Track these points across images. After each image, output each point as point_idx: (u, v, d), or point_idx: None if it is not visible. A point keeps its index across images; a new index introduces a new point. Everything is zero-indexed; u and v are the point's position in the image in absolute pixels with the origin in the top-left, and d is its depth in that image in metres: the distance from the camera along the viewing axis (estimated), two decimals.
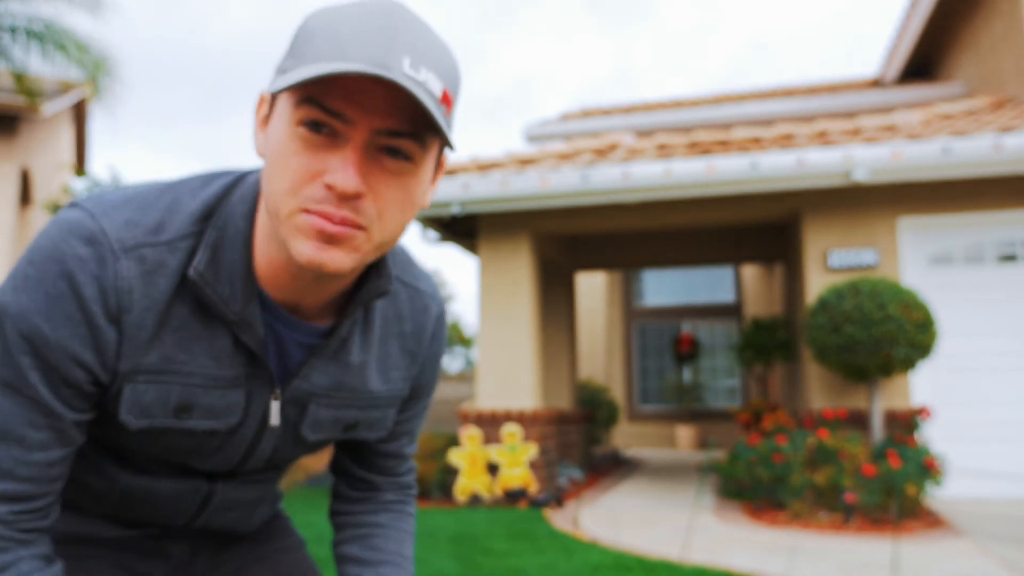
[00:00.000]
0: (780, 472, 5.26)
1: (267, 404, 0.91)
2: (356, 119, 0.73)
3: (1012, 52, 7.40)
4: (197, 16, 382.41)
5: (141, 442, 0.89)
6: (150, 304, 0.81)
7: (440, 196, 6.35)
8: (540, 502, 5.87)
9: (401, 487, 1.16)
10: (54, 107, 10.34)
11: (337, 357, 0.93)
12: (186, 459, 0.93)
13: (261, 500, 1.10)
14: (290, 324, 0.89)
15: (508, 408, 6.44)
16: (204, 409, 0.87)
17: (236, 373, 0.87)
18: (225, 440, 0.92)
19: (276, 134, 0.77)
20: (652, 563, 3.81)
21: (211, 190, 0.86)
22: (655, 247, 8.74)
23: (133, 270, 0.80)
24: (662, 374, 13.26)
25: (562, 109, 11.90)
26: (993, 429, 5.84)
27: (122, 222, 0.81)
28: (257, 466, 1.00)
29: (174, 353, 0.83)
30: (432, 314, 1.03)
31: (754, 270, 12.81)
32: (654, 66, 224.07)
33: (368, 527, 1.11)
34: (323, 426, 0.97)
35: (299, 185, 0.75)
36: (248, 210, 0.85)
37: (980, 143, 5.41)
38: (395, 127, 0.74)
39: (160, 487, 0.97)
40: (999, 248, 6.08)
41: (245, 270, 0.84)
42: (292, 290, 0.86)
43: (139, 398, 0.83)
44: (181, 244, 0.82)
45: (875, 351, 5.19)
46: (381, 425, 1.03)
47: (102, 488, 0.97)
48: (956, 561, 3.86)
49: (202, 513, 1.02)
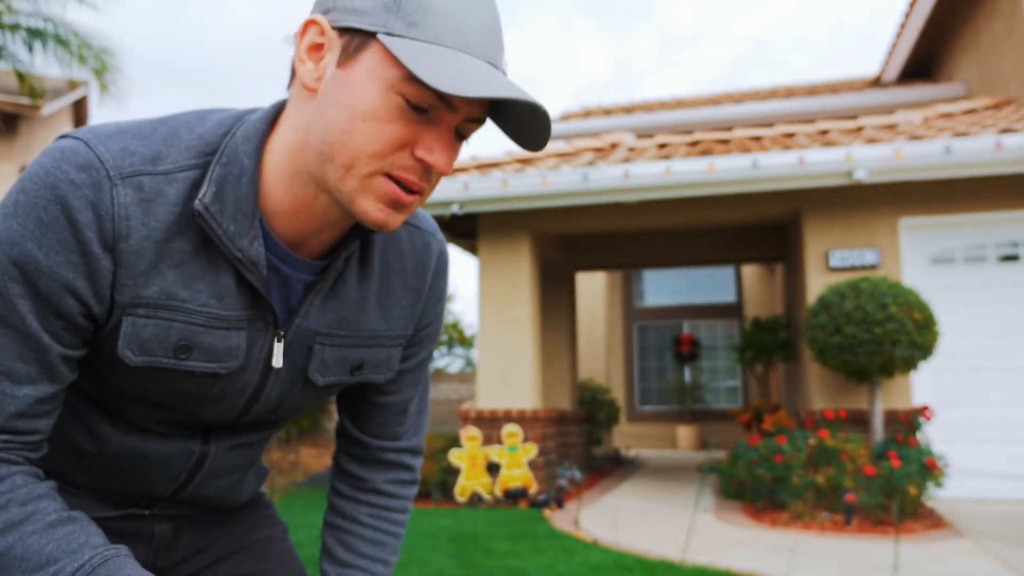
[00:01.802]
0: (781, 472, 5.25)
1: (270, 346, 0.90)
2: (461, 108, 0.78)
3: (1012, 52, 7.38)
4: (198, 16, 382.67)
5: (142, 385, 0.87)
6: (148, 233, 0.79)
7: (440, 196, 6.34)
8: (540, 502, 5.86)
9: (398, 467, 1.11)
10: (54, 106, 10.34)
11: (335, 292, 0.92)
12: (189, 406, 0.91)
13: (250, 467, 1.08)
14: (292, 263, 0.88)
15: (508, 408, 6.43)
16: (204, 350, 0.85)
17: (238, 313, 0.86)
18: (228, 384, 0.90)
19: (364, 92, 0.76)
20: (652, 563, 3.80)
21: (208, 126, 0.85)
22: (655, 247, 8.73)
23: (130, 197, 0.78)
24: (662, 374, 13.25)
25: (562, 109, 11.89)
26: (994, 429, 5.83)
27: (118, 150, 0.79)
28: (261, 415, 0.97)
29: (176, 289, 0.82)
30: (433, 251, 1.03)
31: (755, 270, 12.80)
32: (654, 66, 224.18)
33: (348, 520, 1.08)
34: (330, 367, 0.95)
35: (388, 151, 0.77)
36: (254, 149, 0.84)
37: (981, 143, 5.40)
38: (480, 116, 0.80)
39: (151, 448, 0.95)
40: (1000, 248, 6.07)
41: (251, 208, 0.83)
42: (304, 230, 0.86)
43: (138, 332, 0.82)
44: (180, 176, 0.81)
45: (876, 351, 5.18)
46: (387, 366, 1.01)
47: (91, 450, 0.94)
48: (957, 561, 3.85)
49: (192, 480, 1.00)
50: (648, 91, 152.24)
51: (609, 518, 5.27)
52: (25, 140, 10.40)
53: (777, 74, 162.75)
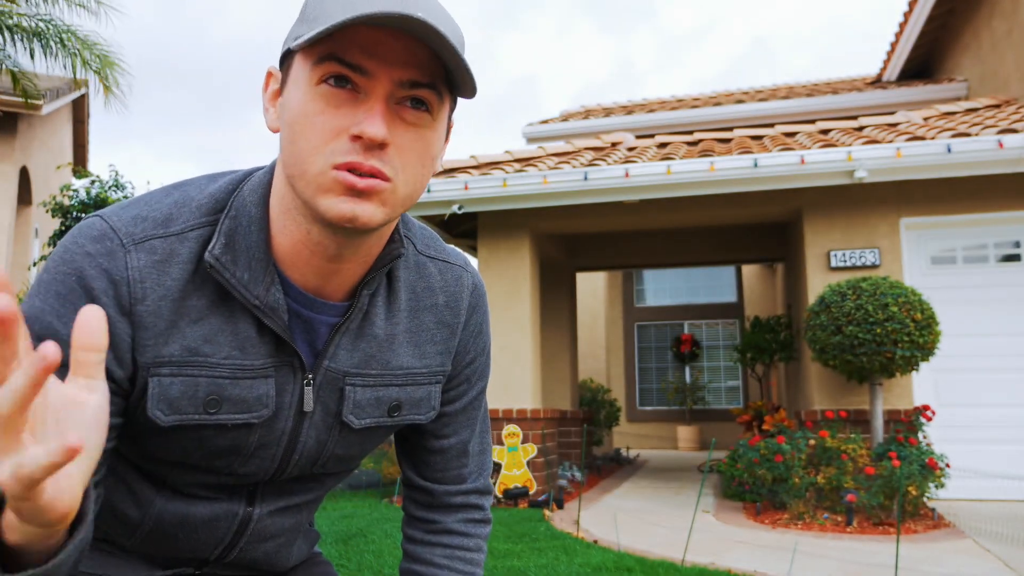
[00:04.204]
0: (781, 473, 5.25)
1: (301, 391, 0.89)
2: (377, 72, 0.75)
3: (1013, 52, 7.38)
4: (197, 18, 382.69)
5: (179, 447, 0.87)
6: (164, 293, 0.81)
7: (440, 195, 6.33)
8: (540, 503, 5.85)
9: (467, 508, 1.09)
10: (53, 106, 10.32)
11: (363, 331, 0.91)
12: (227, 464, 0.90)
13: (297, 531, 1.06)
14: (313, 306, 0.88)
15: (508, 408, 6.42)
16: (233, 402, 0.85)
17: (263, 362, 0.86)
18: (263, 435, 0.89)
19: (295, 99, 0.78)
20: (653, 564, 3.79)
21: (219, 185, 0.87)
22: (656, 247, 8.72)
23: (144, 260, 0.80)
24: (663, 374, 13.24)
25: (562, 108, 11.87)
26: (994, 429, 5.82)
27: (130, 218, 0.82)
28: (303, 467, 0.96)
29: (198, 345, 0.83)
30: (466, 284, 1.01)
31: (755, 270, 12.79)
32: (655, 66, 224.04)
33: (423, 564, 1.06)
34: (364, 408, 0.94)
35: (325, 142, 0.76)
36: (260, 198, 0.86)
37: (982, 143, 5.39)
38: (415, 77, 0.77)
39: (195, 512, 0.94)
40: (1001, 248, 6.07)
41: (263, 254, 0.84)
42: (313, 272, 0.86)
43: (165, 391, 0.82)
44: (191, 234, 0.83)
45: (876, 351, 5.18)
46: (427, 405, 0.99)
47: (135, 517, 0.94)
48: (957, 562, 3.84)
49: (237, 543, 0.99)
50: (648, 91, 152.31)
51: (609, 518, 5.26)
52: (24, 140, 10.39)
53: (777, 74, 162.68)
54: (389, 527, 4.78)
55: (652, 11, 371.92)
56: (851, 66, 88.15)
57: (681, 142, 7.26)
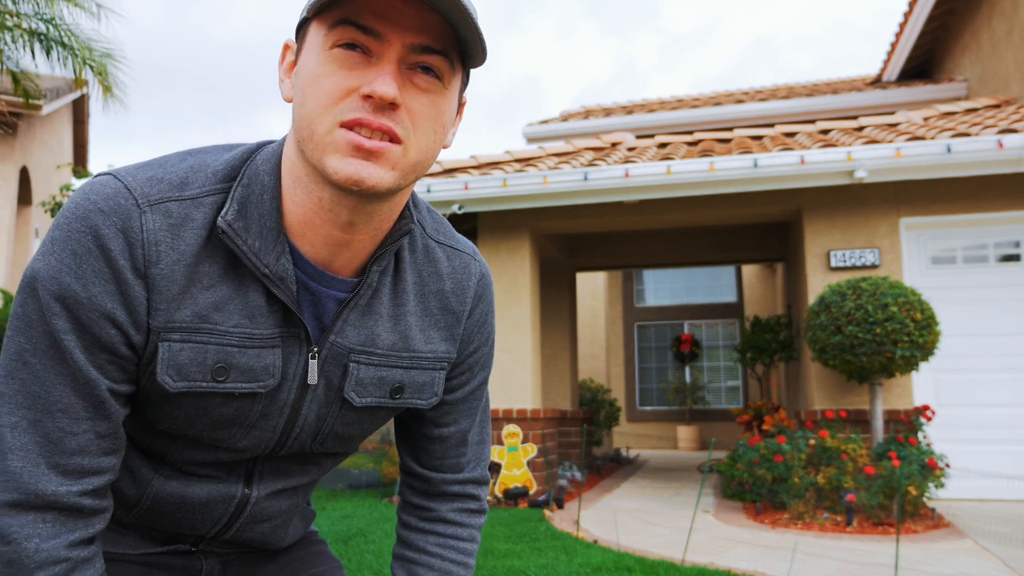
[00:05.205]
0: (781, 472, 5.25)
1: (305, 363, 0.90)
2: (389, 35, 0.76)
3: (1013, 52, 7.38)
4: (201, 21, 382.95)
5: (184, 417, 0.87)
6: (178, 257, 0.81)
7: (440, 195, 6.33)
8: (540, 503, 5.85)
9: (463, 497, 1.09)
10: (53, 106, 10.32)
11: (370, 309, 0.91)
12: (228, 436, 0.90)
13: (293, 512, 1.07)
14: (322, 279, 0.88)
15: (508, 408, 6.43)
16: (241, 370, 0.85)
17: (271, 331, 0.86)
18: (266, 406, 0.89)
19: (308, 65, 0.79)
20: (653, 564, 3.79)
21: (234, 153, 0.88)
22: (655, 247, 8.73)
23: (159, 223, 0.80)
24: (663, 374, 13.24)
25: (563, 109, 11.87)
26: (994, 429, 5.82)
27: (145, 179, 0.82)
28: (302, 443, 0.96)
29: (208, 312, 0.83)
30: (473, 272, 1.01)
31: (755, 270, 12.80)
32: (656, 66, 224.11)
33: (415, 551, 1.06)
34: (367, 387, 0.94)
35: (335, 101, 0.77)
36: (273, 167, 0.86)
37: (982, 143, 5.39)
38: (427, 43, 0.77)
39: (193, 492, 0.95)
40: (1001, 248, 6.07)
41: (275, 223, 0.84)
42: (323, 242, 0.86)
43: (175, 357, 0.82)
44: (206, 200, 0.83)
45: (876, 351, 5.18)
46: (429, 391, 0.99)
47: (133, 495, 0.95)
48: (957, 562, 3.84)
49: (234, 524, 1.00)
50: (650, 91, 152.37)
51: (609, 518, 5.26)
52: (24, 140, 10.39)
53: (778, 74, 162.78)
54: (389, 527, 4.78)
55: (654, 12, 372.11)
56: (852, 66, 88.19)
57: (681, 142, 7.26)
